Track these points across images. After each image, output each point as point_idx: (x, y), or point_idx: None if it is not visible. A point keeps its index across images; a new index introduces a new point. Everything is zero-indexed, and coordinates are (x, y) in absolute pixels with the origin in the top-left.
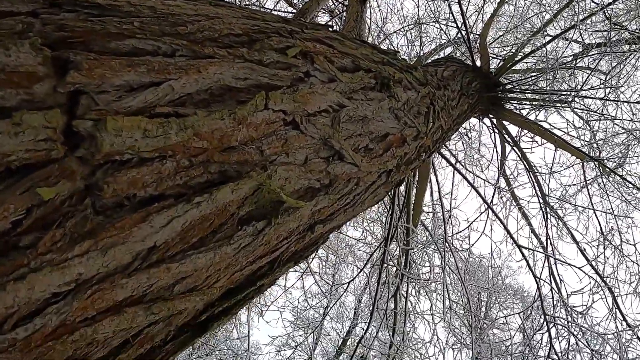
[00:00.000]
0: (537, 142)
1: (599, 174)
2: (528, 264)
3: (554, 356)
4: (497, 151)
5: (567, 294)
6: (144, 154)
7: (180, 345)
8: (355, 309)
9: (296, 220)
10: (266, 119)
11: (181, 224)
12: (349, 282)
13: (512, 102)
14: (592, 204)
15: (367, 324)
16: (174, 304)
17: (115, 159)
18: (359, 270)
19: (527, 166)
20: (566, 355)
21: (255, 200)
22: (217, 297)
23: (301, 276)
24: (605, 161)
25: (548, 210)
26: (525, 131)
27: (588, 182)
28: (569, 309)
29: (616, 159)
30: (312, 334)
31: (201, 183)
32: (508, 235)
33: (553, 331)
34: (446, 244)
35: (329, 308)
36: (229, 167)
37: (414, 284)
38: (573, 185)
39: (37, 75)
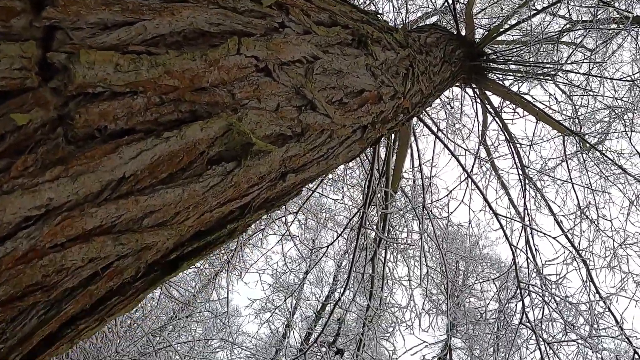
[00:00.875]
0: (518, 113)
1: (579, 149)
2: (505, 233)
3: (527, 324)
4: (478, 121)
5: (542, 264)
6: (116, 88)
7: (150, 282)
8: (334, 274)
9: (266, 164)
10: (238, 63)
11: (150, 158)
12: (327, 246)
13: (496, 72)
14: (570, 179)
15: (344, 287)
16: (142, 236)
17: (87, 92)
18: (338, 234)
19: (507, 137)
20: (540, 324)
21: (225, 142)
22: (187, 237)
23: (280, 240)
24: (586, 136)
25: (527, 181)
26: (507, 102)
27: (568, 156)
28: (543, 278)
29: (597, 135)
30: (291, 298)
31: (171, 120)
32: (486, 205)
33: (527, 300)
34: (425, 210)
35: (308, 272)
36: (199, 107)
37: (392, 250)
38: (553, 159)
39: (15, 10)
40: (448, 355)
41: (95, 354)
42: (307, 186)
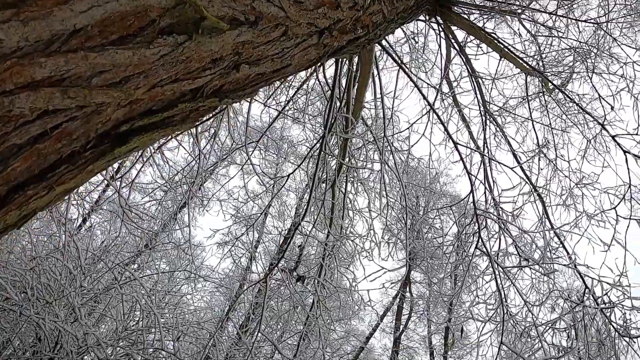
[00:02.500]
0: (482, 49)
1: (541, 90)
2: (464, 163)
3: (483, 248)
4: (441, 54)
5: (499, 193)
6: None
7: (100, 154)
8: (296, 207)
9: (218, 43)
10: None
11: (100, 14)
12: (288, 176)
13: (461, 5)
14: (531, 117)
15: (303, 212)
16: (91, 93)
17: None
18: (300, 163)
19: (470, 71)
20: (496, 257)
21: (177, 15)
22: (139, 112)
23: (241, 168)
24: (549, 76)
25: (488, 117)
26: (472, 37)
27: (530, 96)
28: (500, 209)
29: (560, 77)
30: (253, 230)
31: None
32: (447, 136)
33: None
34: (385, 141)
35: (270, 203)
36: None
37: (352, 181)
38: (515, 98)
39: None
40: (408, 288)
41: (60, 289)
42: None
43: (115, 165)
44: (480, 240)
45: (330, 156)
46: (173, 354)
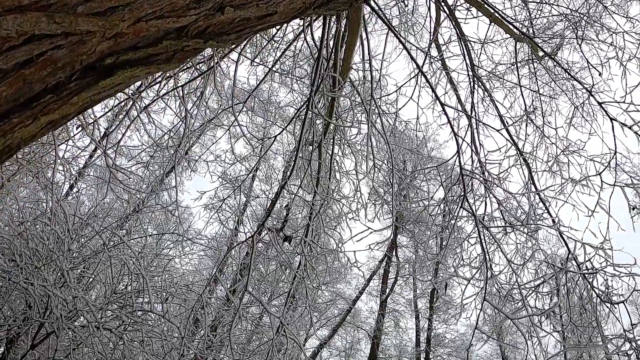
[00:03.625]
0: (472, 13)
1: (530, 56)
2: (450, 124)
3: (467, 208)
4: (431, 17)
5: (485, 155)
6: None
7: (84, 86)
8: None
9: None
10: None
11: None
12: (275, 137)
13: None
14: (519, 83)
15: (290, 171)
16: (77, 20)
17: None
18: (287, 124)
19: (459, 35)
20: (482, 218)
21: None
22: (124, 47)
23: (229, 129)
24: (539, 43)
25: (476, 81)
26: (462, 1)
27: (519, 63)
28: (486, 172)
29: (550, 43)
30: (240, 193)
31: None
32: (435, 99)
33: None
34: (373, 102)
35: (257, 164)
36: None
37: (339, 144)
38: (504, 63)
39: None
40: (394, 252)
41: (49, 254)
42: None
43: (102, 129)
44: (465, 200)
45: (317, 117)
46: (162, 316)
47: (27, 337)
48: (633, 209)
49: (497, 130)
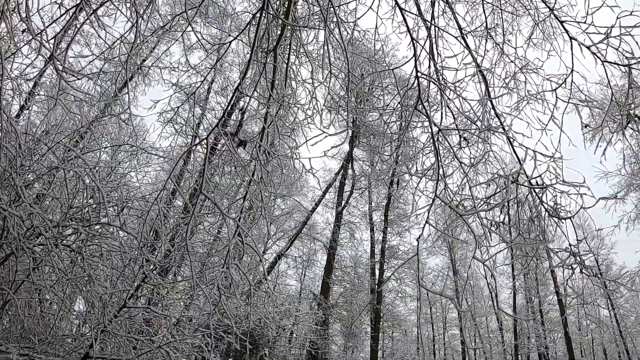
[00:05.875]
0: None
1: None
2: (408, 29)
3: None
4: None
5: (442, 61)
6: None
7: None
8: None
9: None
10: None
11: None
12: (230, 42)
13: None
14: None
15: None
16: None
17: None
18: (243, 28)
19: None
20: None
21: None
22: None
23: (182, 34)
24: None
25: None
26: None
27: None
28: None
29: None
30: (195, 105)
31: None
32: (395, 3)
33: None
34: (331, 9)
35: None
36: None
37: (295, 53)
38: None
39: None
40: (350, 164)
41: (0, 172)
42: None
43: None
44: (420, 103)
45: (273, 20)
46: (120, 227)
47: None
48: (586, 126)
49: (456, 38)
